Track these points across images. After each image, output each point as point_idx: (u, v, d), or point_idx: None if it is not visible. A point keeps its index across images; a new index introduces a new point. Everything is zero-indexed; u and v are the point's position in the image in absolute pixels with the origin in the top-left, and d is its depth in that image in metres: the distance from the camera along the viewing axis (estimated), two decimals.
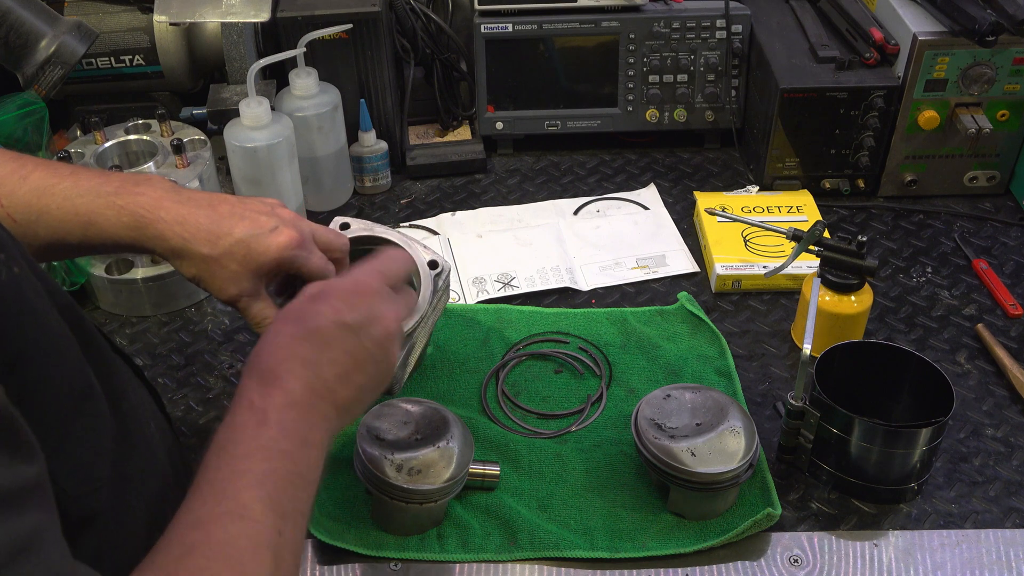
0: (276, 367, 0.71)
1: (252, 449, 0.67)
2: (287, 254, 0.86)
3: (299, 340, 0.73)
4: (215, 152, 1.28)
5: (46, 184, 0.84)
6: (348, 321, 0.76)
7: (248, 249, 0.85)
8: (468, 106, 1.54)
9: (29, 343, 0.57)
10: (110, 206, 0.84)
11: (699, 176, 1.44)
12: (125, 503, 0.66)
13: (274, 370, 0.71)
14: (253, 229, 0.85)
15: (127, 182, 0.86)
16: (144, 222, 0.84)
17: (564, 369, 1.11)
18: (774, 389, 1.09)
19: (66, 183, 0.85)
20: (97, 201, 0.85)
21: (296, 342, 0.73)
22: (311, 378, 0.72)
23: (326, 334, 0.74)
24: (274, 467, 0.66)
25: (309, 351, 0.73)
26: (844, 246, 1.06)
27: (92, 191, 0.85)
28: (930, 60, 1.26)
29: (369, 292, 0.79)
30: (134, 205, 0.84)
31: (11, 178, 0.84)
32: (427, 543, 0.91)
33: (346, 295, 0.78)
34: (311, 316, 0.75)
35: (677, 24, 1.40)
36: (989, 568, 0.90)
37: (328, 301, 0.76)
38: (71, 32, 1.18)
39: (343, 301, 0.77)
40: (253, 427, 0.68)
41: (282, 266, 0.87)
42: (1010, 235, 1.31)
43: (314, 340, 0.74)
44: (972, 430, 1.03)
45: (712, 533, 0.92)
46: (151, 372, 1.11)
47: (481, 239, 1.31)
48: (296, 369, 0.72)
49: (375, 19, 1.31)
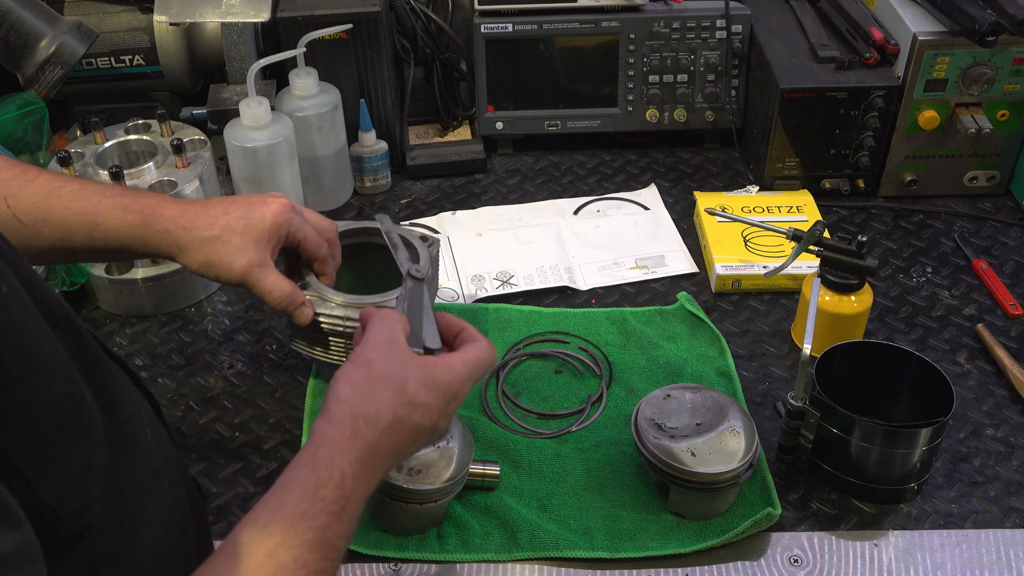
0: (378, 452, 0.72)
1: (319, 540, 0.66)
2: (282, 218, 0.91)
3: (403, 430, 0.74)
4: (215, 152, 1.28)
5: (52, 187, 0.87)
6: (440, 427, 0.77)
7: (246, 220, 0.90)
8: (468, 106, 1.54)
9: (13, 364, 0.56)
10: (116, 206, 0.88)
11: (699, 176, 1.44)
12: (121, 514, 0.66)
13: (377, 454, 0.72)
14: (246, 205, 0.91)
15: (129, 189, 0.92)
16: (148, 219, 0.88)
17: (564, 369, 1.11)
18: (774, 389, 1.09)
19: (72, 186, 0.88)
20: (104, 201, 0.88)
21: (400, 431, 0.73)
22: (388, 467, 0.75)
23: (420, 436, 0.76)
24: (323, 567, 0.66)
25: (404, 445, 0.74)
26: (844, 246, 1.06)
27: (98, 193, 0.89)
28: (930, 60, 1.26)
29: (462, 399, 0.79)
30: (139, 204, 0.89)
31: (16, 181, 0.87)
32: (427, 543, 0.91)
33: (451, 397, 0.78)
34: (420, 408, 0.75)
35: (677, 24, 1.40)
36: (989, 568, 0.90)
37: (438, 395, 0.76)
38: (71, 32, 1.18)
39: (447, 402, 0.77)
40: (330, 515, 0.67)
41: (280, 232, 0.91)
42: (1010, 235, 1.31)
43: (410, 436, 0.75)
44: (972, 430, 1.03)
45: (712, 533, 0.92)
46: (151, 372, 1.11)
47: (481, 238, 1.31)
48: (388, 462, 0.74)
49: (375, 19, 1.31)
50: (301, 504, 0.66)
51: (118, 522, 0.65)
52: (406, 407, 0.74)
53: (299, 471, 0.69)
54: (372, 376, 0.74)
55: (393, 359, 0.76)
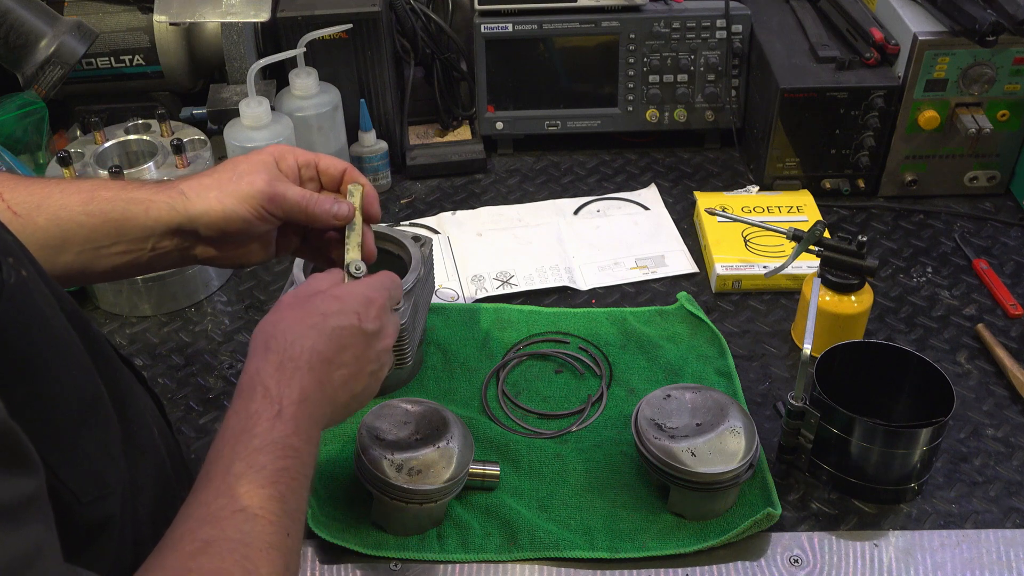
0: (296, 356, 0.71)
1: (267, 443, 0.67)
2: (280, 149, 0.86)
3: (320, 335, 0.73)
4: (215, 152, 1.28)
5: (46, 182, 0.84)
6: (366, 329, 0.76)
7: (247, 156, 0.85)
8: (468, 106, 1.54)
9: (39, 348, 0.56)
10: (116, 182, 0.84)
11: (699, 176, 1.44)
12: (132, 509, 0.66)
13: (294, 358, 0.71)
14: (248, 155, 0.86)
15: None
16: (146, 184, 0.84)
17: (564, 369, 1.11)
18: (774, 389, 1.09)
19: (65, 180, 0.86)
20: (98, 181, 0.85)
21: (317, 335, 0.73)
22: (324, 376, 0.72)
23: (345, 336, 0.75)
24: (286, 465, 0.67)
25: (328, 348, 0.73)
26: (844, 246, 1.06)
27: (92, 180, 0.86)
28: (930, 60, 1.26)
29: (381, 306, 0.80)
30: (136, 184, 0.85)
31: (9, 180, 0.83)
32: (427, 543, 0.91)
33: (365, 302, 0.78)
34: (334, 314, 0.75)
35: (677, 24, 1.40)
36: (989, 568, 0.90)
37: (349, 302, 0.77)
38: (71, 32, 1.18)
39: (363, 307, 0.77)
40: (268, 419, 0.68)
41: (284, 158, 0.85)
42: (1010, 235, 1.31)
43: (334, 339, 0.74)
44: (972, 430, 1.03)
45: (712, 533, 0.92)
46: (151, 372, 1.11)
47: (481, 237, 1.31)
48: (314, 363, 0.72)
49: (375, 19, 1.31)
50: (237, 426, 0.68)
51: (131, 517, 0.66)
52: (317, 316, 0.74)
53: (231, 406, 0.70)
54: (280, 308, 0.76)
55: (301, 295, 0.78)
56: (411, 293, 1.00)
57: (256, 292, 1.22)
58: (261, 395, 0.69)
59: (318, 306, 0.76)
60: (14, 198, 0.80)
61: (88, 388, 0.62)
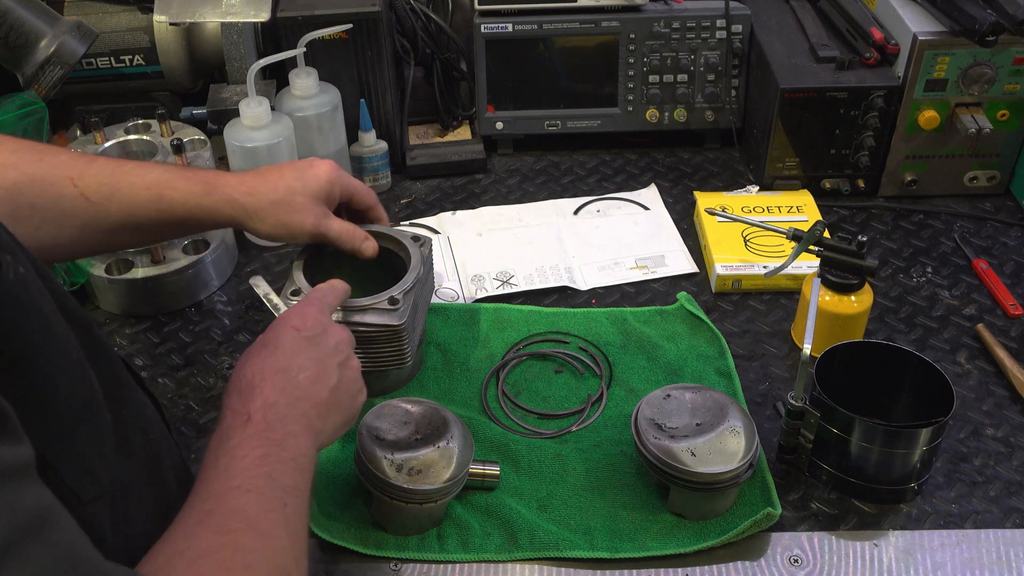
0: (252, 380, 0.78)
1: (243, 440, 0.73)
2: (333, 175, 1.00)
3: (268, 355, 0.81)
4: (215, 152, 1.28)
5: (114, 164, 0.93)
6: (305, 333, 0.83)
7: (303, 182, 0.98)
8: (468, 106, 1.54)
9: (33, 344, 0.57)
10: (180, 177, 0.94)
11: (699, 176, 1.44)
12: (124, 513, 0.66)
13: (251, 383, 0.77)
14: (298, 169, 1.00)
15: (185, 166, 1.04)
16: (211, 188, 0.95)
17: (564, 369, 1.11)
18: (774, 389, 1.09)
19: (131, 163, 0.95)
20: (166, 174, 0.95)
21: (265, 357, 0.80)
22: (285, 383, 0.78)
23: (289, 345, 0.81)
24: (268, 451, 0.72)
25: (279, 361, 0.80)
26: (844, 246, 1.06)
27: (160, 167, 0.96)
28: (930, 60, 1.26)
29: (318, 310, 0.87)
30: (200, 175, 0.96)
31: (78, 161, 0.91)
32: (427, 543, 0.91)
33: (299, 315, 0.85)
34: (272, 336, 0.83)
35: (677, 24, 1.40)
36: (989, 568, 0.90)
37: (283, 321, 0.84)
38: (71, 32, 1.18)
39: (299, 319, 0.84)
40: (240, 427, 0.74)
41: (333, 188, 1.00)
42: (1010, 235, 1.31)
43: (279, 352, 0.81)
44: (972, 430, 1.03)
45: (712, 533, 0.92)
46: (151, 372, 1.11)
47: (481, 237, 1.31)
48: (270, 377, 0.78)
49: (375, 19, 1.32)
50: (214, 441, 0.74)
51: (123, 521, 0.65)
52: (259, 345, 0.82)
53: None
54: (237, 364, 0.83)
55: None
56: (411, 293, 1.00)
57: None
58: (230, 416, 0.75)
59: (258, 340, 0.83)
60: (85, 184, 0.89)
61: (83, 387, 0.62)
